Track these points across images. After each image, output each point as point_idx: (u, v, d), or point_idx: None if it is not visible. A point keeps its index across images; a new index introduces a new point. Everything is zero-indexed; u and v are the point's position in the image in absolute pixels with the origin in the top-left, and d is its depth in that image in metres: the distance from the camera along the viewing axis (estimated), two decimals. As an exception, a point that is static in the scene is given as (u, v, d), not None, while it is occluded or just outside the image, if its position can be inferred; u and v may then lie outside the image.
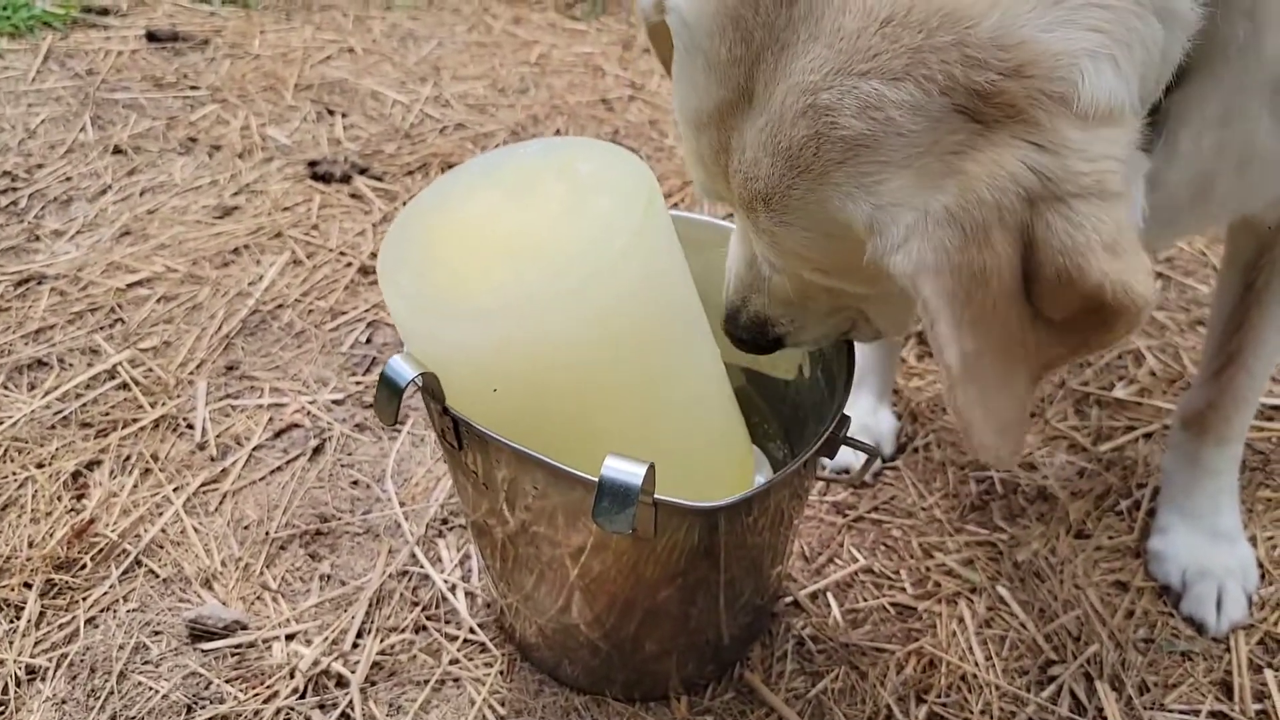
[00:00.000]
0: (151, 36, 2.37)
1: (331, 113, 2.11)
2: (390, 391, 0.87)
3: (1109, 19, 0.61)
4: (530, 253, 0.85)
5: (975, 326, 0.64)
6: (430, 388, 0.89)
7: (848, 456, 1.34)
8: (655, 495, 0.83)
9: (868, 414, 1.38)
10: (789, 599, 1.19)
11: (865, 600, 1.19)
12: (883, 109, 0.62)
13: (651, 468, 0.80)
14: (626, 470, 0.79)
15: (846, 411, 1.39)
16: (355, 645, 1.12)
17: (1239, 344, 1.14)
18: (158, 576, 1.18)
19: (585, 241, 0.85)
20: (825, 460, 1.19)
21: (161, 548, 1.21)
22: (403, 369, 0.87)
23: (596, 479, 0.80)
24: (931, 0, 0.61)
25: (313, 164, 1.89)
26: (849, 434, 1.37)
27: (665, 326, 0.90)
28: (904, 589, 1.21)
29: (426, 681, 1.09)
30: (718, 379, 1.03)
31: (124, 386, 1.42)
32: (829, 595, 1.20)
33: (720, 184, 0.77)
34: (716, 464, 1.04)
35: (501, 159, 0.94)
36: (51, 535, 1.20)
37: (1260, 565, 1.23)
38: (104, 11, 2.50)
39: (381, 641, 1.12)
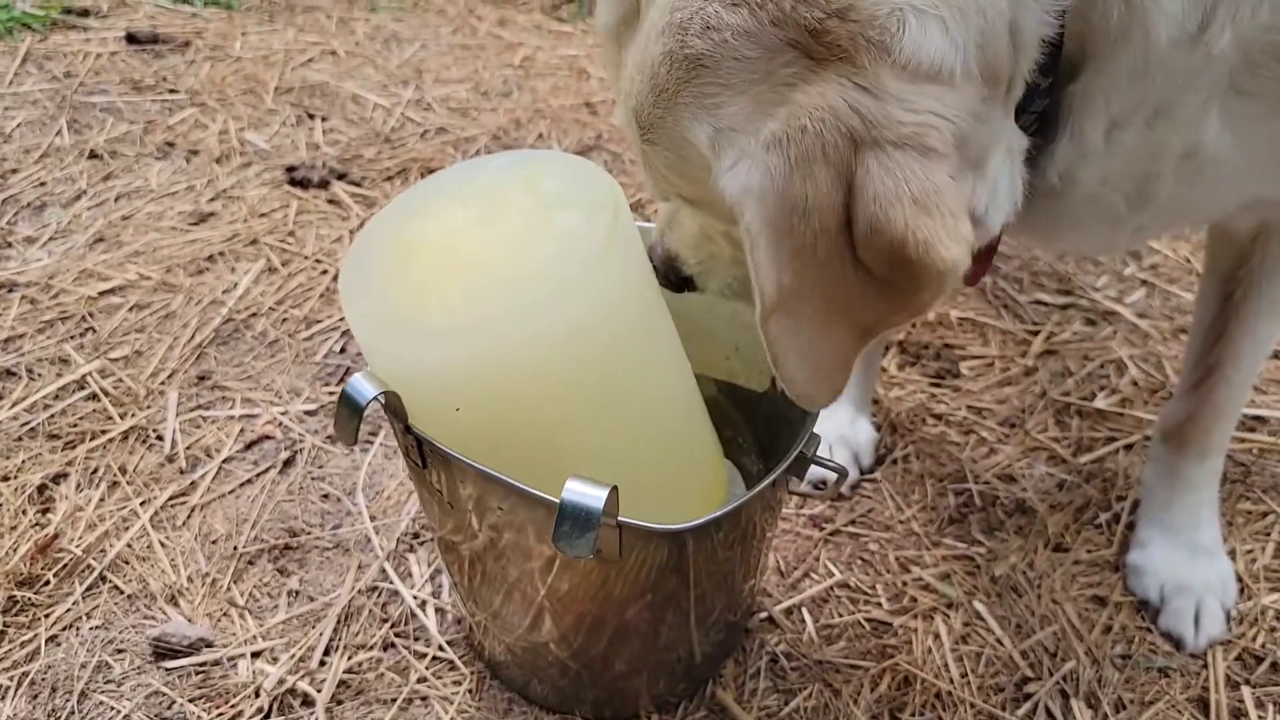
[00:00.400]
0: (131, 38, 2.35)
1: (311, 116, 2.09)
2: (351, 410, 0.85)
3: None
4: (493, 271, 0.83)
5: (794, 260, 0.66)
6: (392, 406, 0.87)
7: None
8: (619, 518, 0.82)
9: (845, 425, 1.37)
10: (763, 614, 1.18)
11: (840, 616, 1.18)
12: (721, 31, 0.66)
13: (614, 490, 0.79)
14: (588, 493, 0.77)
15: (824, 422, 1.38)
16: (322, 663, 1.11)
17: (1218, 356, 1.13)
18: (122, 593, 1.16)
19: (548, 260, 0.83)
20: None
21: (127, 563, 1.20)
22: (364, 388, 0.85)
23: (559, 500, 0.78)
24: None
25: (291, 169, 1.87)
26: (824, 447, 1.36)
27: (631, 344, 0.89)
28: (880, 604, 1.19)
29: (394, 700, 1.07)
30: (687, 394, 1.01)
31: (93, 397, 1.40)
32: (804, 610, 1.18)
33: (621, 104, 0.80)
34: (687, 480, 1.03)
35: (466, 174, 0.92)
36: (15, 551, 1.18)
37: (1239, 579, 1.22)
38: (84, 13, 2.48)
39: (349, 659, 1.11)
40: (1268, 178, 0.86)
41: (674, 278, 0.96)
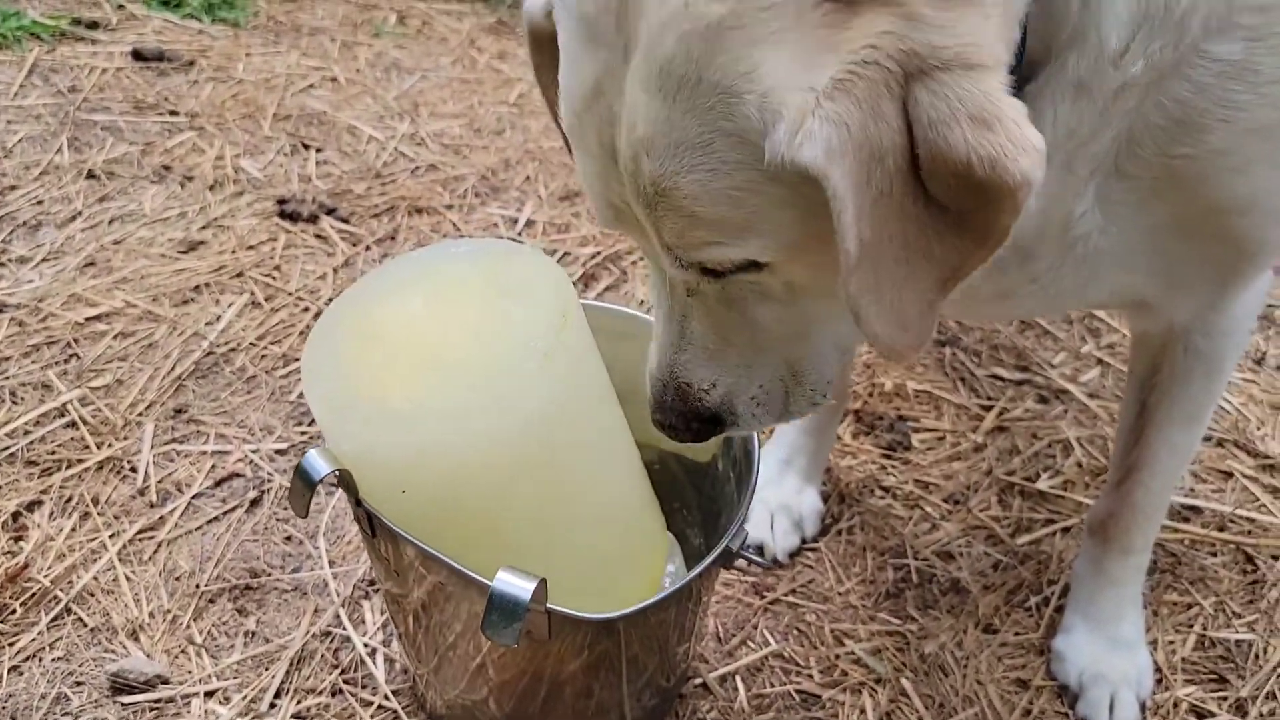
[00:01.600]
0: (137, 55, 2.40)
1: (306, 147, 2.14)
2: (305, 484, 0.91)
3: None
4: (445, 364, 0.89)
5: (874, 211, 0.62)
6: (345, 482, 0.92)
7: (763, 532, 1.38)
8: (549, 605, 0.87)
9: (792, 494, 1.42)
10: (698, 681, 1.23)
11: (772, 686, 1.23)
12: None
13: (543, 582, 0.84)
14: (516, 585, 0.83)
15: (772, 490, 1.43)
16: (272, 705, 1.16)
17: (1136, 459, 1.17)
18: (86, 625, 1.21)
19: (499, 357, 0.89)
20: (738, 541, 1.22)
21: (93, 595, 1.25)
22: (318, 464, 0.90)
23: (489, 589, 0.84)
24: None
25: (282, 201, 1.93)
26: (767, 516, 1.42)
27: (578, 439, 0.94)
28: (811, 676, 1.25)
29: (337, 747, 1.12)
30: (632, 479, 1.07)
31: (72, 425, 1.45)
32: (738, 679, 1.23)
33: (613, 172, 0.72)
34: (628, 559, 1.08)
35: (428, 261, 0.98)
36: (-14, 578, 1.24)
37: (1158, 670, 1.28)
38: (93, 25, 2.53)
39: (298, 704, 1.16)
40: (1139, 273, 0.88)
41: (695, 422, 0.86)
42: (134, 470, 1.40)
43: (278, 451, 1.45)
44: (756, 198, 0.67)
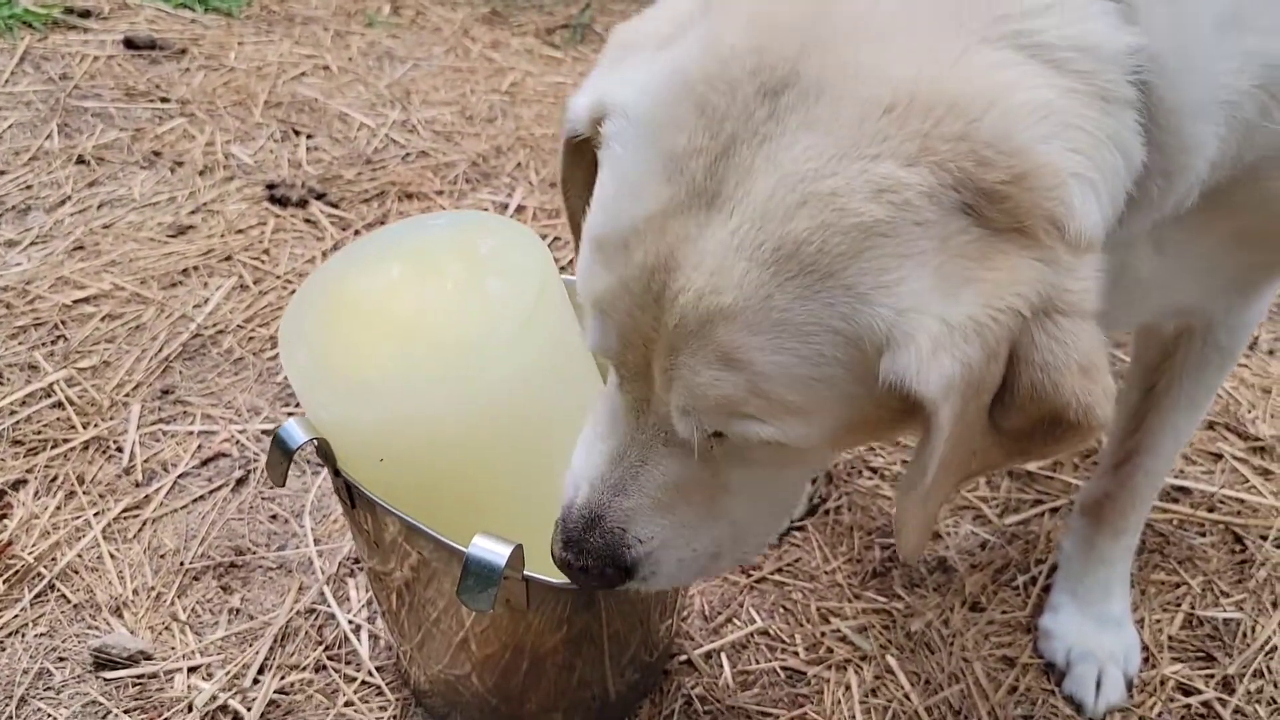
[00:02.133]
0: (129, 43, 2.40)
1: (297, 133, 2.14)
2: (282, 453, 0.91)
3: (1087, 143, 0.61)
4: (421, 333, 0.89)
5: (955, 441, 0.63)
6: (323, 452, 0.92)
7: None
8: (526, 572, 0.87)
9: (780, 475, 1.41)
10: (683, 657, 1.22)
11: (758, 663, 1.23)
12: (899, 192, 0.59)
13: (519, 548, 0.84)
14: (492, 550, 0.82)
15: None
16: (256, 681, 1.15)
17: (1136, 443, 1.17)
18: (69, 602, 1.21)
19: (475, 325, 0.89)
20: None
21: (77, 573, 1.24)
22: (295, 433, 0.90)
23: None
24: (933, 89, 0.59)
25: (271, 186, 1.92)
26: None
27: (553, 407, 0.94)
28: (797, 653, 1.24)
29: (320, 722, 1.12)
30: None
31: (59, 405, 1.45)
32: (723, 656, 1.23)
33: (646, 314, 0.66)
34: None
35: (407, 232, 0.97)
36: (-31, 555, 1.23)
37: (1145, 649, 1.27)
38: (85, 14, 2.53)
39: (281, 679, 1.16)
40: (1184, 292, 0.90)
41: (611, 565, 0.78)
42: (120, 450, 1.40)
43: (264, 432, 1.45)
44: (831, 392, 0.64)
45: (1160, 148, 0.66)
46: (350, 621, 1.22)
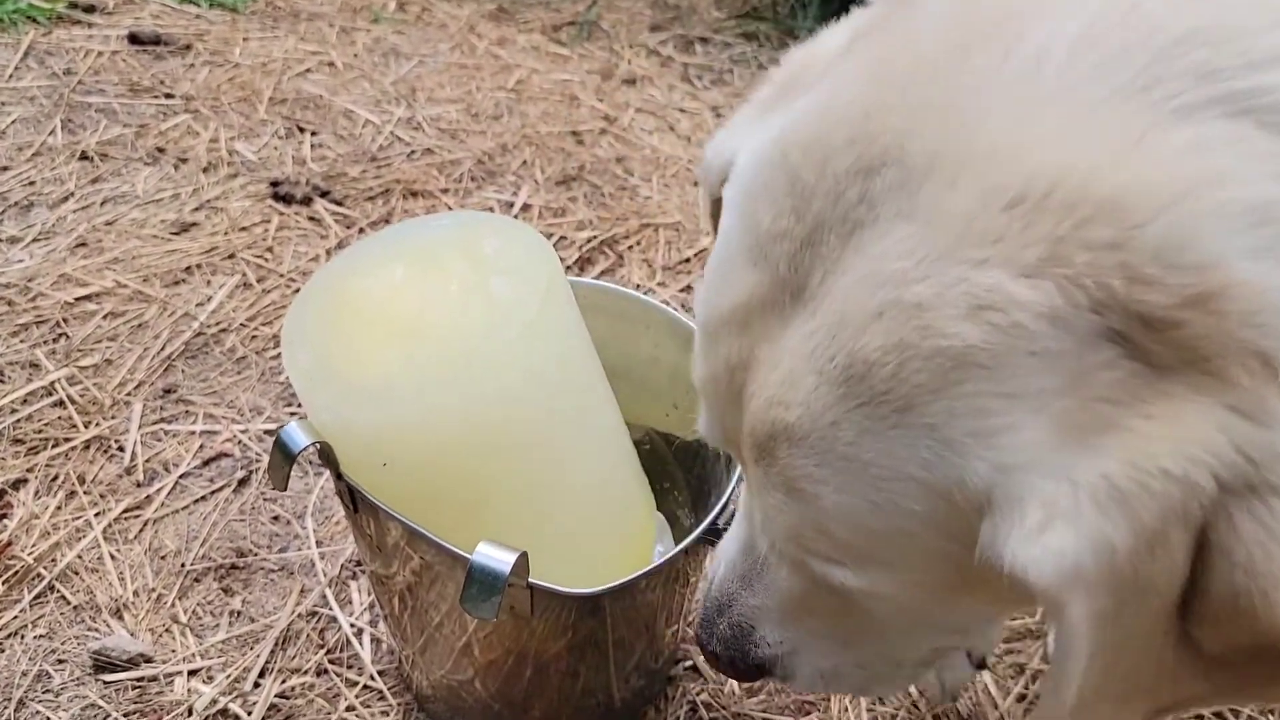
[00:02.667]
0: (134, 39, 2.38)
1: (302, 130, 2.13)
2: (284, 457, 0.89)
3: None
4: (425, 334, 0.87)
5: (1111, 653, 0.46)
6: (326, 455, 0.91)
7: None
8: (531, 580, 0.85)
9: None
10: (689, 663, 1.21)
11: (763, 669, 1.22)
12: (1006, 311, 0.44)
13: (523, 555, 0.82)
14: (496, 558, 0.81)
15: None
16: (256, 685, 1.14)
17: None
18: (69, 603, 1.20)
19: (480, 326, 0.87)
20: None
21: (77, 574, 1.23)
22: (297, 436, 0.89)
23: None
24: (1088, 179, 0.43)
25: (275, 183, 1.91)
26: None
27: (559, 412, 0.92)
28: (803, 660, 1.23)
29: (321, 727, 1.11)
30: (619, 451, 1.05)
31: (60, 404, 1.44)
32: (728, 662, 1.22)
33: (731, 415, 0.57)
34: (615, 534, 1.06)
35: (410, 231, 0.96)
36: (-31, 555, 1.22)
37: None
38: (90, 9, 2.51)
39: (282, 683, 1.14)
40: None
41: (740, 661, 0.70)
42: (121, 449, 1.39)
43: (266, 432, 1.44)
44: (917, 549, 0.51)
45: None
46: (352, 625, 1.21)
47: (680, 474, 1.22)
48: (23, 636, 1.16)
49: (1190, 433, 0.42)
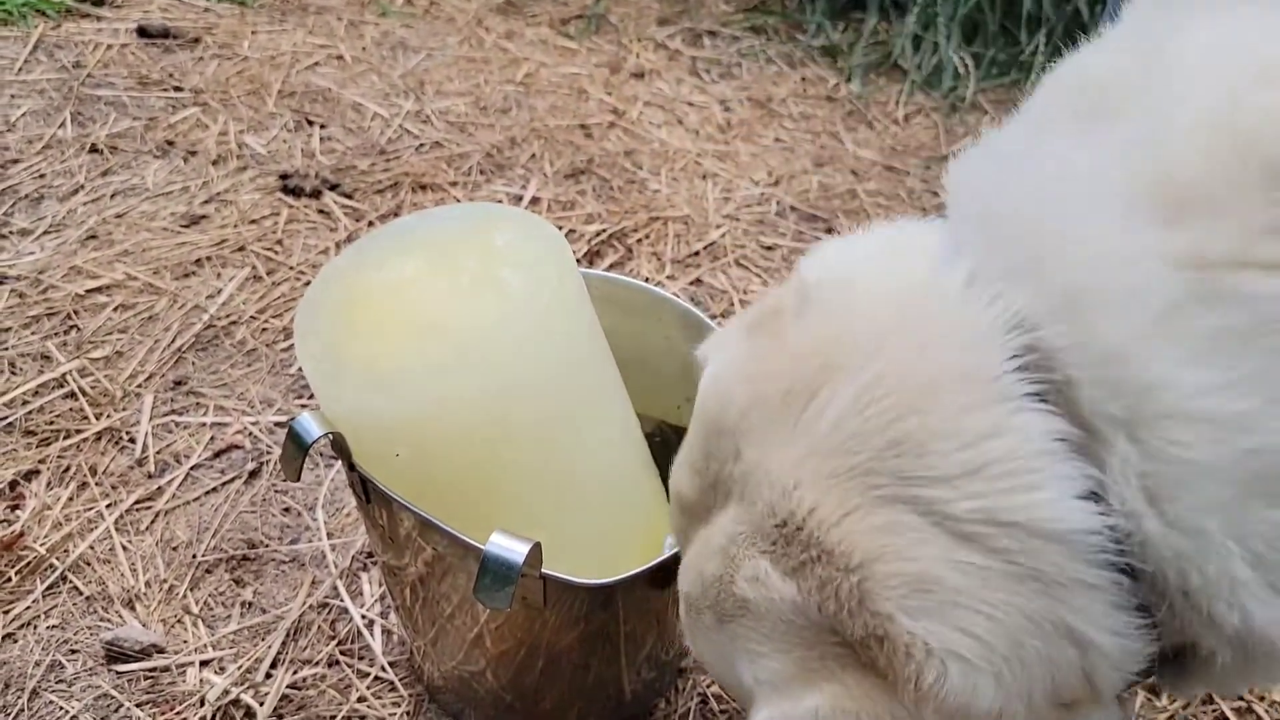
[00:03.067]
0: (142, 31, 2.39)
1: (311, 123, 2.13)
2: (296, 448, 0.89)
3: (989, 629, 0.55)
4: (437, 326, 0.87)
5: None
6: (338, 446, 0.91)
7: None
8: (544, 570, 0.85)
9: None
10: (699, 656, 1.21)
11: (774, 662, 1.21)
12: (769, 590, 0.61)
13: (537, 545, 0.82)
14: (509, 548, 0.81)
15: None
16: (268, 676, 1.15)
17: None
18: (81, 594, 1.20)
19: (491, 318, 0.87)
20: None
21: (89, 564, 1.24)
22: (310, 426, 0.89)
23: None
24: (818, 524, 0.58)
25: (285, 176, 1.91)
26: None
27: (570, 404, 0.92)
28: (813, 652, 1.23)
29: (333, 718, 1.11)
30: (630, 443, 1.05)
31: (71, 396, 1.44)
32: (739, 654, 1.22)
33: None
34: (628, 524, 1.06)
35: (422, 224, 0.96)
36: (-18, 546, 1.23)
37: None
38: (99, 2, 2.51)
39: (294, 674, 1.15)
40: None
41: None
42: (132, 441, 1.39)
43: (277, 424, 1.44)
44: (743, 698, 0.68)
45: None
46: (363, 616, 1.21)
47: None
48: (35, 627, 1.17)
49: (872, 708, 0.58)
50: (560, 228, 1.89)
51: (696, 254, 1.89)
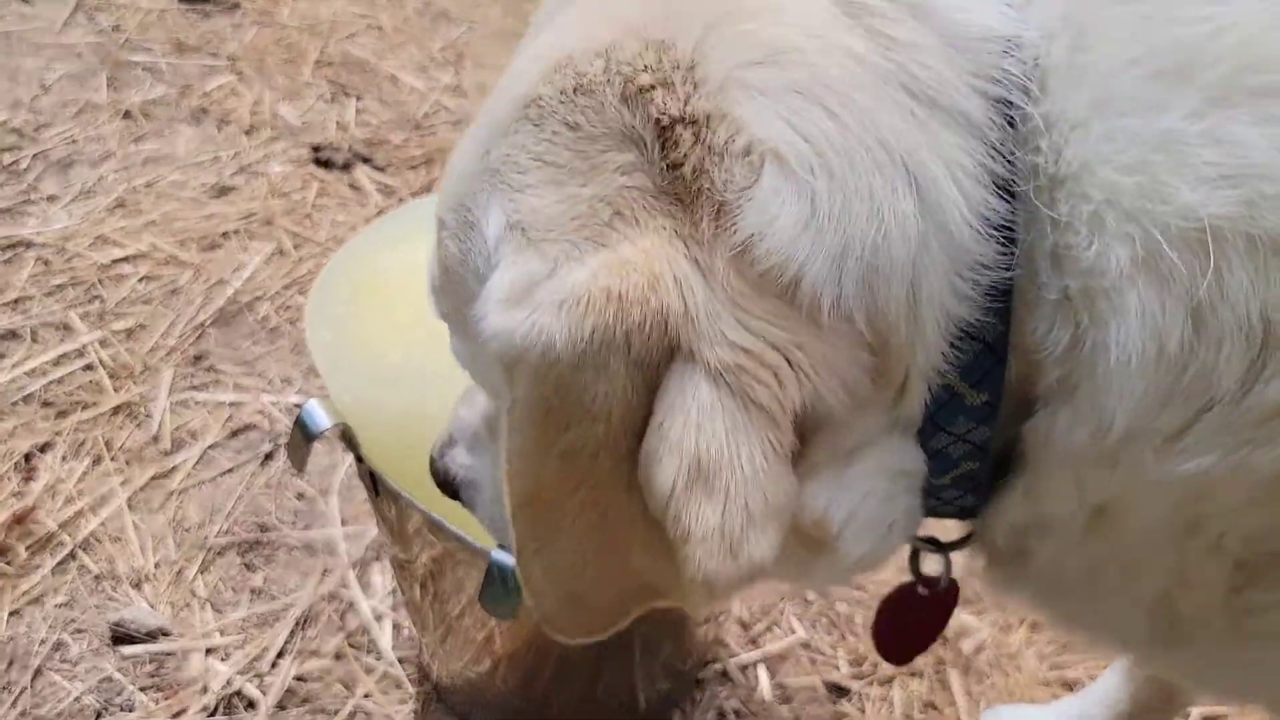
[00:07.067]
0: (182, -4, 2.36)
1: (346, 94, 2.09)
2: (303, 437, 0.85)
3: (828, 134, 0.42)
4: (450, 316, 0.82)
5: (565, 464, 0.46)
6: (347, 437, 0.87)
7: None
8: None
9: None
10: (719, 667, 1.16)
11: (797, 677, 1.16)
12: (577, 77, 0.46)
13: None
14: (516, 557, 0.76)
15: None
16: (274, 666, 1.11)
17: None
18: (90, 572, 1.18)
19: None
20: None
21: (99, 542, 1.21)
22: (318, 417, 0.85)
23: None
24: None
25: (316, 148, 1.88)
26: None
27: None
28: (839, 667, 1.17)
29: (337, 712, 1.08)
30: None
31: (90, 368, 1.42)
32: (761, 668, 1.17)
33: None
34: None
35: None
36: (-7, 518, 1.21)
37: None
38: (141, -35, 2.49)
39: (300, 665, 1.11)
40: None
41: (440, 474, 0.70)
42: (149, 416, 1.37)
43: (296, 405, 1.41)
44: (466, 318, 0.52)
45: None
46: (373, 609, 1.17)
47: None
48: (42, 604, 1.15)
49: (650, 266, 0.42)
50: (595, 210, 1.84)
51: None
